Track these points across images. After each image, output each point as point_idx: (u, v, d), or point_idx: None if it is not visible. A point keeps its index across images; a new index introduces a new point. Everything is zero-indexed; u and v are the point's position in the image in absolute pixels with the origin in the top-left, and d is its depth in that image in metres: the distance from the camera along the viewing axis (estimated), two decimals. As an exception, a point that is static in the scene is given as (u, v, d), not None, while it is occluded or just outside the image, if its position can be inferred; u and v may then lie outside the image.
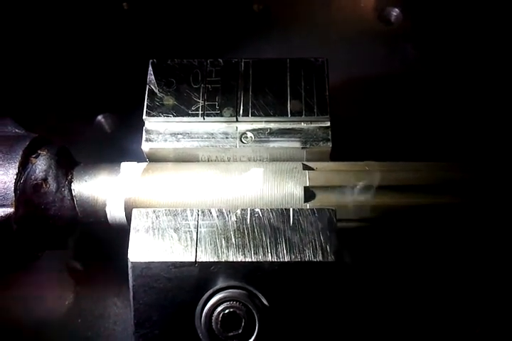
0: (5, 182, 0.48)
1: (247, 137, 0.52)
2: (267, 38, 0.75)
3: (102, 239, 0.60)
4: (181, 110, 0.52)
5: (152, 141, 0.52)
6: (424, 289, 0.57)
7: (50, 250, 0.53)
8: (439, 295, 0.57)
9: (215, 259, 0.44)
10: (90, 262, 0.63)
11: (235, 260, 0.44)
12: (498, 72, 0.70)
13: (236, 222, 0.46)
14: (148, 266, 0.45)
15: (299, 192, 0.49)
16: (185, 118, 0.52)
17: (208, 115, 0.52)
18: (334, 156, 0.53)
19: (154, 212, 0.47)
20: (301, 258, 0.44)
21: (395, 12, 0.76)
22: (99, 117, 0.71)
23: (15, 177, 0.48)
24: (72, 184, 0.51)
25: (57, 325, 0.60)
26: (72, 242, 0.60)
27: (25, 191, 0.49)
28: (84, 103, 0.71)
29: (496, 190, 0.50)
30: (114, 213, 0.51)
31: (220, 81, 0.53)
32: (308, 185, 0.49)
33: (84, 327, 0.60)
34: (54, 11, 0.74)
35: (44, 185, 0.50)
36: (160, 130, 0.53)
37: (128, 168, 0.52)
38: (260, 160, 0.53)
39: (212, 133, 0.52)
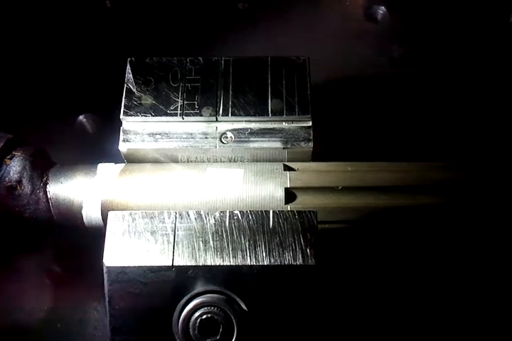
0: (-22, 184, 0.47)
1: (227, 137, 0.51)
2: (252, 36, 0.74)
3: (83, 242, 0.58)
4: (160, 110, 0.51)
5: (130, 142, 0.51)
6: (409, 291, 0.56)
7: (25, 253, 0.51)
8: (424, 297, 0.56)
9: (193, 263, 0.43)
10: (70, 265, 0.61)
11: (213, 264, 0.43)
12: (485, 70, 0.69)
13: (214, 224, 0.45)
14: (123, 270, 0.43)
15: (279, 193, 0.48)
16: (163, 118, 0.51)
17: (187, 115, 0.51)
18: (316, 156, 0.52)
19: (130, 214, 0.45)
20: (280, 261, 0.43)
21: (382, 10, 0.75)
22: (81, 117, 0.70)
23: (-12, 179, 0.47)
24: (48, 186, 0.50)
25: (36, 330, 0.59)
26: (52, 245, 0.59)
27: (-1, 193, 0.48)
28: (65, 103, 0.70)
29: (482, 190, 0.49)
30: (91, 215, 0.49)
31: (200, 80, 0.52)
32: (289, 186, 0.48)
33: (63, 332, 0.58)
34: (34, 8, 0.73)
35: (18, 187, 0.49)
36: (138, 130, 0.51)
37: (105, 169, 0.51)
38: (241, 161, 0.52)
39: (191, 134, 0.51)
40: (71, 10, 0.74)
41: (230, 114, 0.51)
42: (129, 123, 0.52)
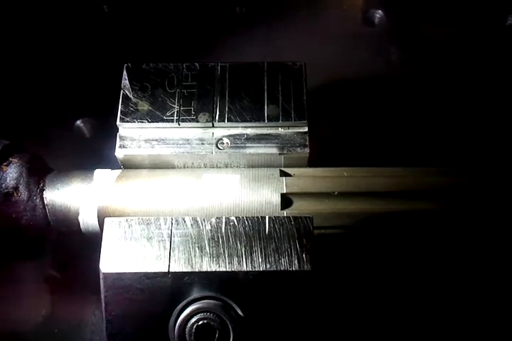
0: (-26, 191, 0.47)
1: (223, 143, 0.51)
2: (250, 40, 0.74)
3: (80, 247, 0.58)
4: (156, 116, 0.51)
5: (126, 148, 0.51)
6: (405, 297, 0.56)
7: (23, 259, 0.52)
8: (421, 302, 0.56)
9: (189, 269, 0.43)
10: (67, 271, 0.61)
11: (209, 270, 0.43)
12: (482, 73, 0.69)
13: (211, 230, 0.45)
14: (120, 276, 0.44)
15: (275, 199, 0.48)
16: (160, 124, 0.51)
17: (184, 121, 0.51)
18: (312, 162, 0.52)
19: (127, 220, 0.45)
20: (276, 267, 0.43)
21: (379, 14, 0.75)
22: (78, 122, 0.70)
23: (-16, 185, 0.47)
24: (44, 192, 0.50)
25: (33, 335, 0.59)
26: (49, 250, 0.59)
27: (-4, 200, 0.48)
28: (62, 108, 0.70)
29: (478, 196, 0.49)
30: (87, 222, 0.50)
31: (196, 85, 0.52)
32: (285, 191, 0.48)
33: (61, 337, 0.58)
34: (32, 13, 0.73)
35: (15, 194, 0.49)
36: (134, 136, 0.52)
37: (101, 175, 0.51)
38: (237, 167, 0.52)
39: (187, 140, 0.51)
40: (68, 15, 0.74)
41: (226, 120, 0.51)
42: (126, 129, 0.52)
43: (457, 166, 0.51)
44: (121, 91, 0.52)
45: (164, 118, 0.51)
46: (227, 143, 0.51)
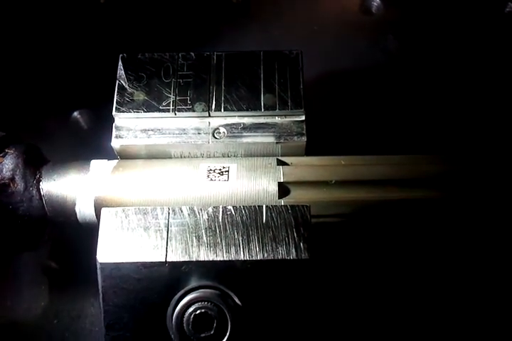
0: (-30, 183, 0.47)
1: (219, 132, 0.51)
2: (247, 30, 0.73)
3: (78, 238, 0.58)
4: (152, 105, 0.51)
5: (122, 138, 0.51)
6: (403, 285, 0.56)
7: (21, 251, 0.51)
8: (418, 291, 0.56)
9: (186, 259, 0.43)
10: (66, 261, 0.61)
11: (206, 259, 0.43)
12: (480, 61, 0.69)
13: (208, 220, 0.45)
14: (117, 266, 0.43)
15: (273, 188, 0.48)
16: (156, 114, 0.51)
17: (180, 110, 0.51)
18: (310, 151, 0.51)
19: (124, 211, 0.45)
20: (274, 256, 0.43)
21: (376, 2, 0.74)
22: (75, 113, 0.69)
23: (-20, 177, 0.47)
24: (41, 183, 0.50)
25: (33, 326, 0.59)
26: (47, 242, 0.59)
27: (-8, 191, 0.48)
28: (59, 99, 0.70)
29: (476, 183, 0.49)
30: (84, 212, 0.49)
31: (192, 75, 0.52)
32: (282, 180, 0.48)
33: (60, 328, 0.59)
34: (26, 4, 0.73)
35: (11, 185, 0.49)
36: (130, 126, 0.51)
37: (98, 165, 0.51)
38: (234, 156, 0.52)
39: (184, 129, 0.51)
40: (64, 5, 0.73)
41: (222, 109, 0.51)
42: (122, 119, 0.51)
43: (455, 154, 0.51)
44: (117, 81, 0.52)
45: (160, 108, 0.51)
46: (223, 132, 0.51)
